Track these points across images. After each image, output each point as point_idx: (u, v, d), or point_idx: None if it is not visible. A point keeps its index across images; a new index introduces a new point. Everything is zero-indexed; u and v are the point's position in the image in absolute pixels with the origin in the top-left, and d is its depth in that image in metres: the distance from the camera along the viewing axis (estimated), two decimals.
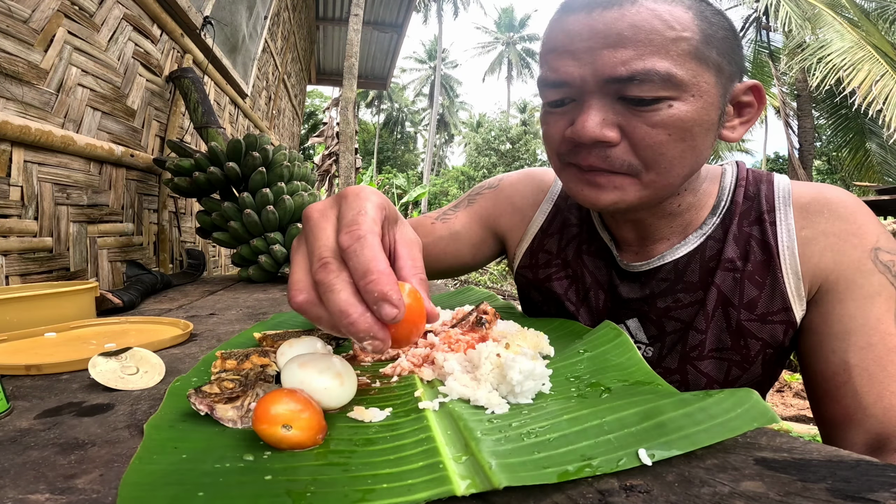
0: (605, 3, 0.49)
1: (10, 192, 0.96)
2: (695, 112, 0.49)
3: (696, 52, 0.48)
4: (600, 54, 0.48)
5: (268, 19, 3.02)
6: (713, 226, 0.59)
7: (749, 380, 0.58)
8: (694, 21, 0.48)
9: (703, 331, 0.57)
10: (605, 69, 0.48)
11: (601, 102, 0.50)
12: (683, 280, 0.59)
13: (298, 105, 5.41)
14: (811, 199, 0.56)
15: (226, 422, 0.33)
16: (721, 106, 0.51)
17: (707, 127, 0.50)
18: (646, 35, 0.47)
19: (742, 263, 0.56)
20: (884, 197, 5.17)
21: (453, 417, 0.33)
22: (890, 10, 8.81)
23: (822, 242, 0.54)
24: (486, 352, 0.40)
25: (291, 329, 0.56)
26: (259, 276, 1.37)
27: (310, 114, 22.90)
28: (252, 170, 1.37)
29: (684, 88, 0.48)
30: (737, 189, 0.60)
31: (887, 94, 7.15)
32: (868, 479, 0.25)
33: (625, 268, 0.63)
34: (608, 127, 0.50)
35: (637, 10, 0.48)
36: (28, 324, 0.67)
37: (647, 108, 0.48)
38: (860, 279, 0.52)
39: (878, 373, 0.48)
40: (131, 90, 1.42)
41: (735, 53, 0.52)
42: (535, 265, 0.71)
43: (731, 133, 0.55)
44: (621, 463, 0.26)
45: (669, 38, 0.47)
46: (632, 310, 0.62)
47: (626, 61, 0.47)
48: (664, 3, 0.48)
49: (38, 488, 0.27)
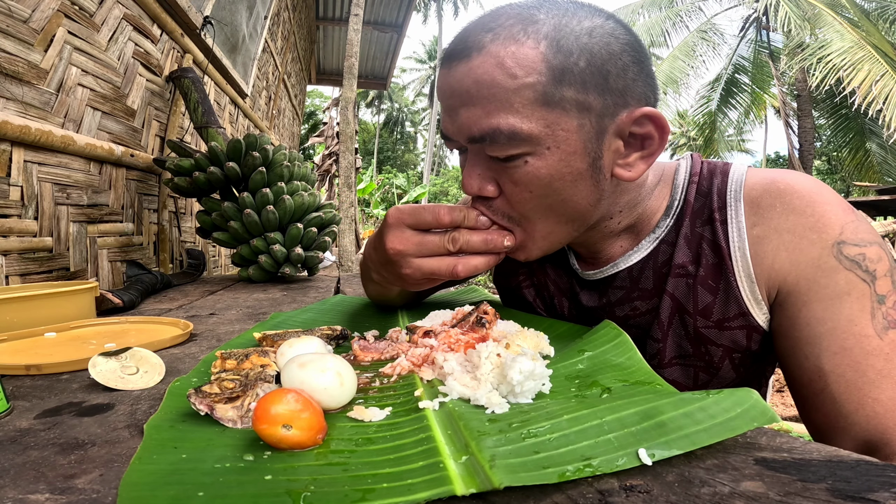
0: (458, 54, 0.46)
1: (10, 192, 0.96)
2: (551, 166, 0.46)
3: (545, 97, 0.44)
4: (458, 113, 0.47)
5: (268, 19, 3.02)
6: (666, 228, 0.55)
7: (722, 383, 0.55)
8: (542, 58, 0.43)
9: (660, 339, 0.55)
10: (462, 129, 0.47)
11: (476, 158, 0.49)
12: (639, 287, 0.56)
13: (298, 105, 5.41)
14: (762, 192, 0.50)
15: (226, 422, 0.33)
16: (592, 150, 0.46)
17: (572, 178, 0.47)
18: (487, 90, 0.44)
19: (694, 268, 0.52)
20: (884, 197, 5.17)
21: (453, 417, 0.33)
22: (890, 10, 8.81)
23: (774, 240, 0.49)
24: (486, 352, 0.40)
25: (291, 329, 0.56)
26: (259, 276, 1.37)
27: (310, 114, 22.90)
28: (252, 170, 1.37)
29: (537, 142, 0.45)
30: (689, 186, 0.55)
31: (887, 94, 7.15)
32: (868, 479, 0.25)
33: (582, 276, 0.61)
34: (485, 181, 0.49)
35: (481, 62, 0.44)
36: (28, 324, 0.67)
37: (509, 163, 0.47)
38: (823, 279, 0.47)
39: (857, 379, 0.44)
40: (131, 90, 1.42)
41: (616, 79, 0.45)
42: (506, 273, 0.71)
43: (628, 171, 0.48)
44: (621, 463, 0.26)
45: (511, 90, 0.44)
46: (594, 318, 0.60)
47: (476, 121, 0.46)
48: (511, 42, 0.44)
49: (38, 488, 0.27)
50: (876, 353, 0.44)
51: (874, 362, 0.44)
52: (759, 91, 11.37)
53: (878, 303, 0.45)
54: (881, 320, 0.45)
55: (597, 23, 0.45)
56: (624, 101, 0.46)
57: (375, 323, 0.65)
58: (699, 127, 12.37)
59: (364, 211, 13.69)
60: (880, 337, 0.45)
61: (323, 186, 9.22)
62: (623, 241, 0.57)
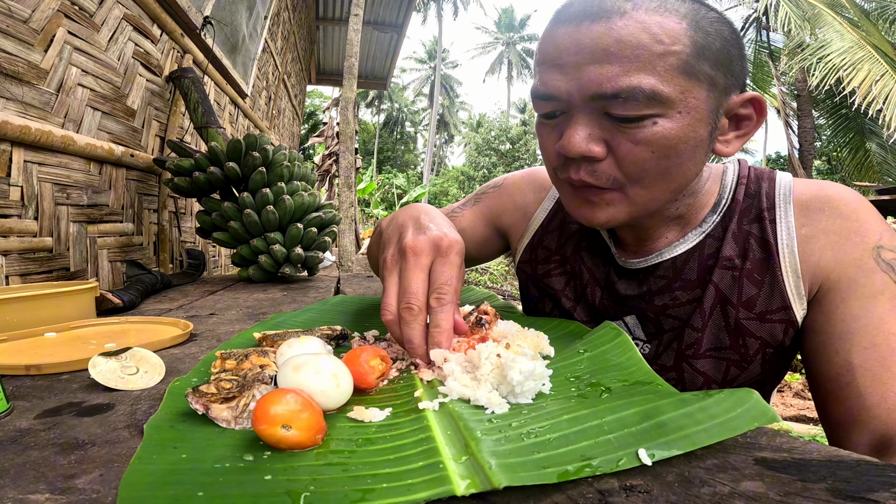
0: (593, 16, 0.47)
1: (10, 192, 0.96)
2: (680, 129, 0.48)
3: (686, 66, 0.46)
4: (586, 70, 0.47)
5: (268, 19, 3.02)
6: (713, 224, 0.58)
7: (747, 379, 0.57)
8: (686, 33, 0.46)
9: (700, 329, 0.57)
10: (590, 85, 0.47)
11: (587, 118, 0.50)
12: (681, 278, 0.59)
13: (298, 105, 5.41)
14: (812, 197, 0.55)
15: (220, 422, 0.33)
16: (712, 121, 0.50)
17: (695, 144, 0.49)
18: (632, 50, 0.46)
19: (741, 261, 0.56)
20: (884, 197, 5.17)
21: (453, 417, 0.33)
22: (890, 10, 8.81)
23: (822, 240, 0.53)
24: (486, 352, 0.40)
25: (291, 329, 0.56)
26: (259, 276, 1.37)
27: (310, 114, 22.90)
28: (252, 170, 1.37)
29: (671, 105, 0.47)
30: (738, 187, 0.59)
31: (887, 94, 7.14)
32: (868, 479, 0.25)
33: (623, 265, 0.63)
34: (594, 142, 0.50)
35: (625, 24, 0.46)
36: (28, 324, 0.67)
37: (632, 125, 0.48)
38: (862, 278, 0.50)
39: (882, 373, 0.47)
40: (131, 90, 1.42)
41: (734, 64, 0.50)
42: (535, 260, 0.72)
43: (726, 147, 0.53)
44: (621, 463, 0.26)
45: (657, 53, 0.46)
46: (629, 307, 0.62)
47: (611, 78, 0.46)
48: (656, 13, 0.46)
49: (38, 488, 0.27)
50: None
51: None
52: (760, 91, 11.37)
53: None
54: None
55: (718, 15, 0.50)
56: (737, 83, 0.51)
57: (375, 323, 0.65)
58: None
59: (364, 211, 13.69)
60: None
61: (323, 186, 9.22)
62: (670, 231, 0.60)
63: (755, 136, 2.32)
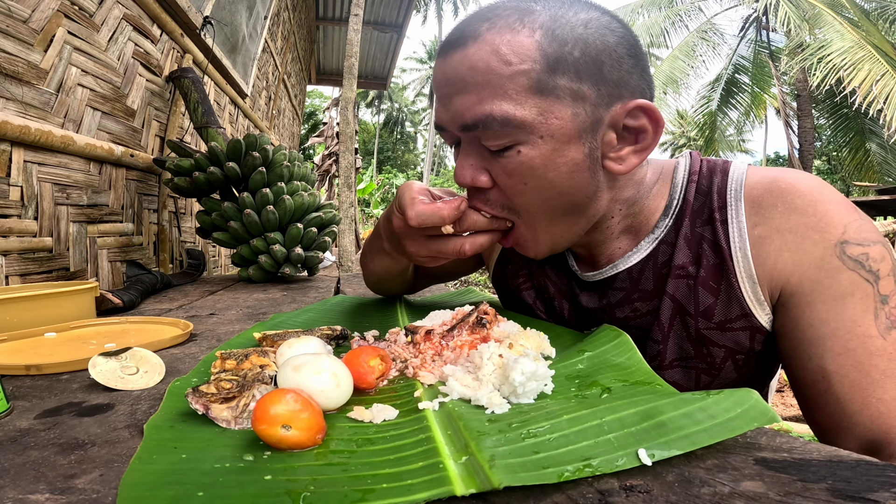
0: (454, 43, 0.46)
1: (10, 192, 0.96)
2: (544, 157, 0.45)
3: (538, 84, 0.43)
4: (452, 101, 0.47)
5: (268, 19, 3.02)
6: (665, 228, 0.54)
7: (724, 384, 0.54)
8: (537, 47, 0.43)
9: (660, 341, 0.54)
10: (457, 117, 0.47)
11: (470, 148, 0.49)
12: (639, 288, 0.55)
13: (298, 105, 5.41)
14: (763, 191, 0.49)
15: (220, 422, 0.33)
16: (588, 140, 0.46)
17: (568, 169, 0.46)
18: (482, 77, 0.44)
19: (695, 269, 0.52)
20: (884, 197, 5.17)
21: (453, 417, 0.33)
22: (890, 10, 8.81)
23: (777, 241, 0.48)
24: (488, 352, 0.40)
25: (291, 329, 0.56)
26: (259, 276, 1.37)
27: (310, 114, 22.89)
28: (252, 170, 1.37)
29: (530, 130, 0.44)
30: (688, 185, 0.54)
31: (887, 94, 7.15)
32: (868, 479, 0.25)
33: (582, 278, 0.60)
34: (477, 171, 0.49)
35: (476, 49, 0.44)
36: (28, 324, 0.67)
37: (501, 155, 0.46)
38: (826, 279, 0.46)
39: (861, 379, 0.44)
40: (131, 90, 1.42)
41: (610, 71, 0.45)
42: (505, 275, 0.70)
43: (619, 165, 0.48)
44: (621, 463, 0.26)
45: (505, 76, 0.43)
46: (593, 319, 0.60)
47: (469, 107, 0.45)
48: (508, 31, 0.44)
49: (38, 488, 0.27)
50: (879, 354, 0.44)
51: (878, 362, 0.44)
52: (760, 91, 11.37)
53: (881, 303, 0.45)
54: (884, 320, 0.45)
55: (593, 15, 0.46)
56: (618, 92, 0.46)
57: (375, 323, 0.65)
58: (699, 127, 12.36)
59: (364, 211, 13.68)
60: (883, 337, 0.44)
61: (323, 186, 9.22)
62: (622, 241, 0.57)
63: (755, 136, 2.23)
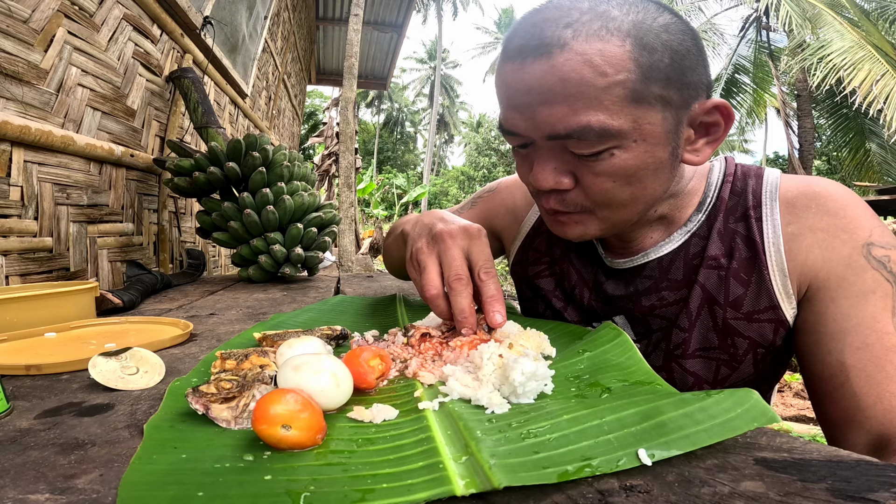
0: (535, 51, 0.46)
1: (10, 192, 0.96)
2: (638, 157, 0.48)
3: (634, 94, 0.45)
4: (537, 111, 0.47)
5: (268, 19, 3.02)
6: (698, 223, 0.58)
7: (740, 379, 0.57)
8: (630, 56, 0.44)
9: (687, 329, 0.56)
10: (543, 127, 0.48)
11: (551, 153, 0.50)
12: (667, 278, 0.58)
13: (298, 105, 5.41)
14: (798, 194, 0.54)
15: (220, 422, 0.33)
16: (673, 140, 0.49)
17: (656, 166, 0.49)
18: (576, 88, 0.44)
19: (727, 261, 0.55)
20: (884, 197, 5.17)
21: (453, 417, 0.33)
22: (890, 10, 8.81)
23: (809, 238, 0.52)
24: (488, 353, 0.40)
25: (291, 329, 0.56)
26: (259, 276, 1.37)
27: (310, 114, 22.89)
28: (252, 170, 1.37)
29: (624, 136, 0.46)
30: (723, 185, 0.58)
31: (888, 94, 7.15)
32: (868, 479, 0.25)
33: (610, 265, 0.63)
34: (560, 175, 0.51)
35: (565, 60, 0.44)
36: (28, 324, 0.66)
37: (591, 159, 0.48)
38: (852, 276, 0.49)
39: (876, 374, 0.46)
40: (131, 90, 1.42)
41: (688, 75, 0.47)
42: (526, 262, 0.73)
43: (696, 156, 0.52)
44: (621, 463, 0.26)
45: (601, 88, 0.44)
46: (618, 307, 0.62)
47: (561, 118, 0.46)
48: (597, 39, 0.44)
49: (38, 488, 0.27)
50: (895, 350, 0.47)
51: (893, 358, 0.46)
52: (760, 91, 11.37)
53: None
54: None
55: (668, 18, 0.47)
56: (696, 92, 0.49)
57: (375, 323, 0.65)
58: None
59: (364, 211, 13.68)
60: None
61: (323, 186, 9.22)
62: (655, 232, 0.60)
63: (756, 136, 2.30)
